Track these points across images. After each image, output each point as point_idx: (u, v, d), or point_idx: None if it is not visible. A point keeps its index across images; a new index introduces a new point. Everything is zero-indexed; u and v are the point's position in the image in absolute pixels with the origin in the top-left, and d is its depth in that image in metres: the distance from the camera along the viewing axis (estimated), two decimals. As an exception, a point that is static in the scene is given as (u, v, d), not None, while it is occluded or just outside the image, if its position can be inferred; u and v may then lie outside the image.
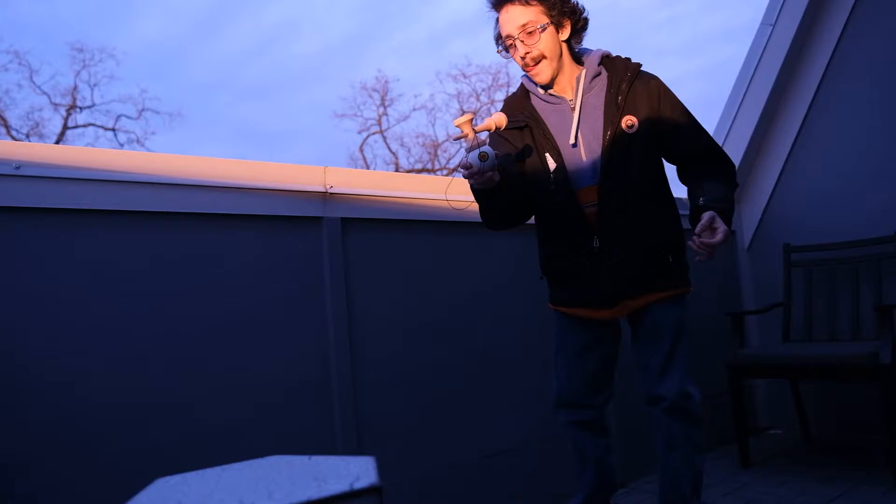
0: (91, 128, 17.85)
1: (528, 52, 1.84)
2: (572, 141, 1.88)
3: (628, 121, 1.85)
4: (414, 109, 19.85)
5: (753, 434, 3.56)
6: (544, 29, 1.83)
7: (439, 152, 19.32)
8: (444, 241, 2.58)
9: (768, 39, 3.53)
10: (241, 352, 2.07)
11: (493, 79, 19.06)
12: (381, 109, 19.42)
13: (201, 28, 22.42)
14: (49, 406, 1.75)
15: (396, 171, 19.12)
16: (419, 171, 19.26)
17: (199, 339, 2.00)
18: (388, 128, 19.53)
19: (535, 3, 1.83)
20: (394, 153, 19.42)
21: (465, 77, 18.86)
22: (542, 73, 1.87)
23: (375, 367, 2.34)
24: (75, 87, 17.57)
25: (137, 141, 18.17)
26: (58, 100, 17.46)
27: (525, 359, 2.72)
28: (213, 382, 2.01)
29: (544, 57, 1.85)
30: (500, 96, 18.90)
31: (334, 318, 2.25)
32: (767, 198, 3.68)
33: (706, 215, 1.75)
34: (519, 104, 1.98)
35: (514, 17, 1.83)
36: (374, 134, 19.34)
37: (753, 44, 3.59)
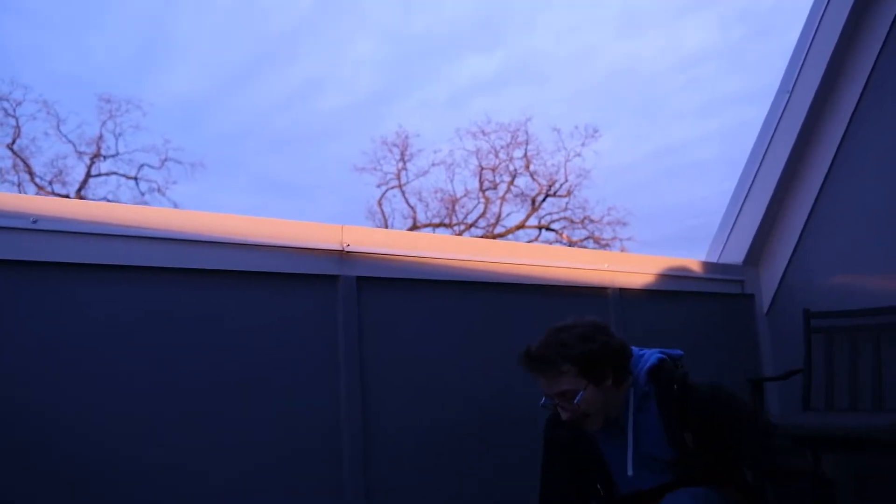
0: (114, 176, 18.11)
1: (569, 415, 1.79)
2: (630, 471, 1.80)
3: (687, 437, 1.76)
4: (433, 165, 19.89)
5: None
6: (583, 395, 1.75)
7: (457, 207, 19.42)
8: (460, 301, 2.56)
9: (786, 104, 3.54)
10: (250, 411, 2.04)
11: (513, 136, 19.25)
12: (401, 164, 19.59)
13: (229, 82, 22.94)
14: (57, 459, 1.72)
15: (414, 224, 19.19)
16: (437, 226, 19.34)
17: (209, 396, 1.98)
18: (407, 182, 19.61)
19: (565, 368, 1.75)
20: (412, 207, 19.48)
21: (484, 134, 18.96)
22: (590, 426, 1.81)
23: (388, 430, 2.29)
24: (100, 137, 17.88)
25: (159, 190, 18.39)
26: (83, 148, 17.77)
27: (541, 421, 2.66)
28: (219, 441, 1.97)
29: (587, 415, 1.78)
30: (519, 154, 19.07)
31: (347, 379, 2.22)
32: (786, 262, 3.64)
33: None
34: (558, 419, 1.92)
35: (548, 386, 1.80)
36: (392, 188, 19.48)
37: (772, 108, 3.60)
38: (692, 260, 3.51)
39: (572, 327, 1.79)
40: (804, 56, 3.49)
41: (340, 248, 2.26)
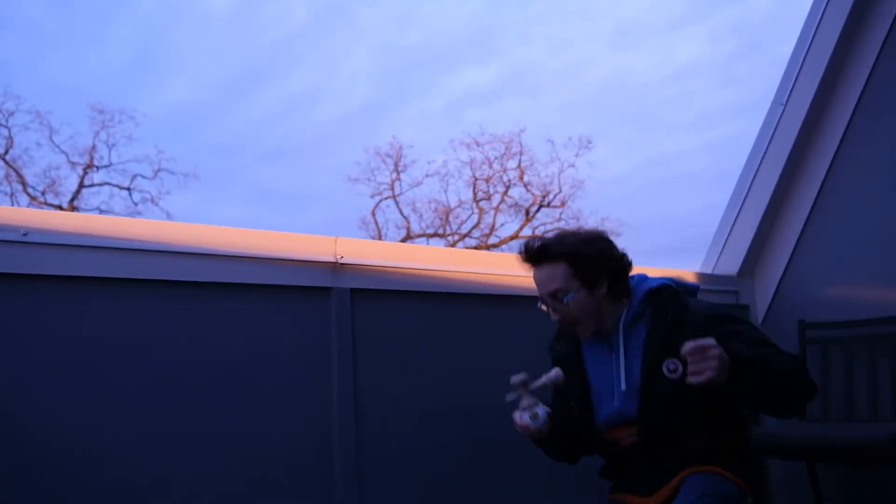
0: (107, 186, 18.09)
1: (559, 317, 1.78)
2: (622, 385, 1.76)
3: (671, 364, 1.69)
4: (427, 175, 19.91)
5: (770, 517, 3.43)
6: (574, 297, 1.74)
7: (451, 218, 19.42)
8: (455, 313, 2.54)
9: (780, 117, 3.55)
10: (242, 425, 2.02)
11: (506, 147, 19.28)
12: (395, 175, 19.62)
13: (224, 93, 22.97)
14: (47, 474, 1.70)
15: (408, 235, 19.18)
16: (431, 236, 19.34)
17: (201, 410, 1.96)
18: (401, 193, 19.63)
19: (560, 265, 1.74)
20: (405, 217, 19.48)
21: (478, 145, 18.98)
22: (580, 333, 1.81)
23: (381, 444, 2.28)
24: (93, 147, 17.87)
25: (152, 200, 18.37)
26: (76, 158, 17.76)
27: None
28: (211, 455, 1.96)
29: (578, 321, 1.77)
30: (513, 164, 19.09)
31: (340, 392, 2.21)
32: (782, 272, 3.63)
33: (708, 339, 1.52)
34: (564, 338, 1.92)
35: (542, 282, 1.78)
36: (386, 199, 19.51)
37: (766, 121, 3.61)
38: (687, 271, 3.51)
39: (577, 232, 1.80)
40: (798, 68, 3.50)
41: (334, 261, 2.25)
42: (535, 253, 1.77)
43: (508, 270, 2.70)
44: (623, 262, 1.81)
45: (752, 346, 1.64)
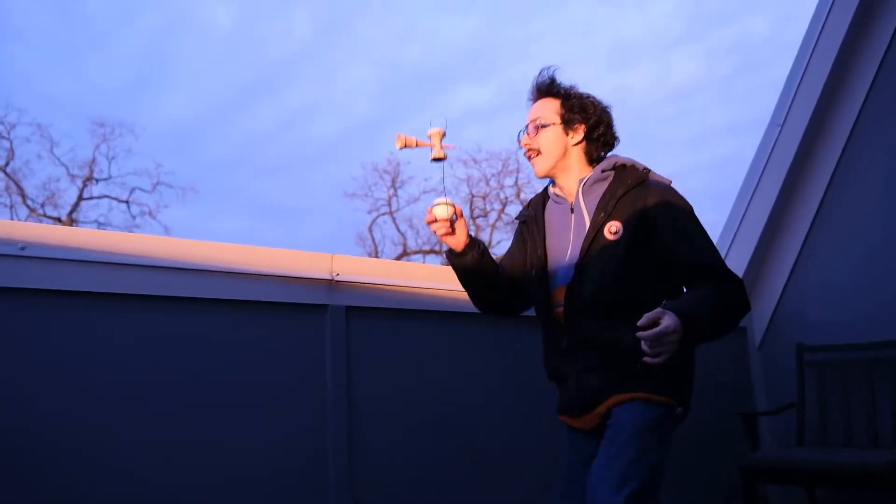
0: (105, 199, 18.10)
1: (527, 144, 1.87)
2: (565, 242, 1.84)
3: (612, 226, 1.76)
4: (424, 192, 19.96)
5: (767, 541, 3.40)
6: (545, 126, 1.84)
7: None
8: (449, 331, 2.53)
9: (777, 139, 3.56)
10: (236, 439, 2.01)
11: (503, 165, 19.32)
12: (392, 191, 19.67)
13: (224, 107, 23.06)
14: (45, 482, 1.69)
15: (404, 251, 19.17)
16: (427, 253, 19.32)
17: (195, 424, 1.95)
18: (398, 209, 19.66)
19: (553, 100, 1.86)
20: (402, 234, 19.50)
21: (475, 162, 19.04)
22: (535, 166, 1.87)
23: (374, 460, 2.26)
24: (93, 160, 17.89)
25: (150, 213, 18.36)
26: (75, 171, 17.78)
27: (531, 454, 2.63)
28: (205, 469, 1.94)
29: (539, 152, 1.85)
30: (510, 182, 19.12)
31: (334, 408, 2.19)
32: (779, 295, 3.63)
33: (656, 309, 1.54)
34: (535, 200, 2.00)
35: (533, 111, 1.88)
36: (383, 214, 19.53)
37: (762, 142, 3.62)
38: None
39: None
40: (795, 89, 3.51)
41: (330, 278, 2.25)
42: (543, 83, 1.88)
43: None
44: (608, 129, 1.87)
45: (693, 254, 1.72)
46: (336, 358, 2.23)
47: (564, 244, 1.85)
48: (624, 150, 1.93)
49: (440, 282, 2.51)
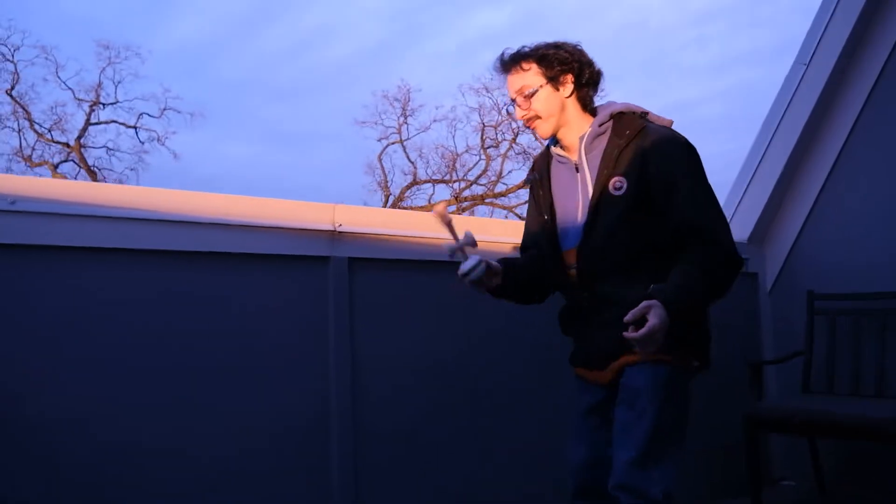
0: (113, 124, 17.95)
1: (524, 115, 1.83)
2: (573, 202, 1.82)
3: (617, 181, 1.73)
4: (434, 121, 19.60)
5: (766, 485, 3.44)
6: (536, 91, 1.80)
7: (458, 164, 19.21)
8: (453, 280, 2.49)
9: (801, 78, 3.42)
10: (239, 391, 2.01)
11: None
12: (402, 119, 19.35)
13: (237, 29, 22.58)
14: (39, 441, 1.71)
15: (414, 180, 19.03)
16: (437, 182, 19.17)
17: (198, 377, 1.95)
18: (408, 138, 19.37)
19: (529, 65, 1.81)
20: (412, 163, 19.27)
21: (487, 91, 18.59)
22: (539, 130, 1.84)
23: (378, 410, 2.26)
24: (100, 84, 17.68)
25: (158, 139, 18.24)
26: (82, 95, 17.57)
27: (535, 404, 2.63)
28: (209, 422, 1.95)
29: (539, 117, 1.82)
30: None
31: (336, 360, 2.18)
32: (792, 241, 3.56)
33: (643, 304, 1.55)
34: (539, 162, 1.97)
35: (513, 83, 1.84)
36: (393, 143, 19.28)
37: (786, 81, 3.48)
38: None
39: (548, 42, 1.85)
40: (824, 27, 3.35)
41: (332, 229, 2.19)
42: (509, 58, 1.84)
43: (513, 238, 2.64)
44: (591, 67, 1.84)
45: (680, 210, 1.69)
46: (339, 309, 2.20)
47: (573, 204, 1.83)
48: (643, 77, 1.85)
49: (443, 230, 2.44)
